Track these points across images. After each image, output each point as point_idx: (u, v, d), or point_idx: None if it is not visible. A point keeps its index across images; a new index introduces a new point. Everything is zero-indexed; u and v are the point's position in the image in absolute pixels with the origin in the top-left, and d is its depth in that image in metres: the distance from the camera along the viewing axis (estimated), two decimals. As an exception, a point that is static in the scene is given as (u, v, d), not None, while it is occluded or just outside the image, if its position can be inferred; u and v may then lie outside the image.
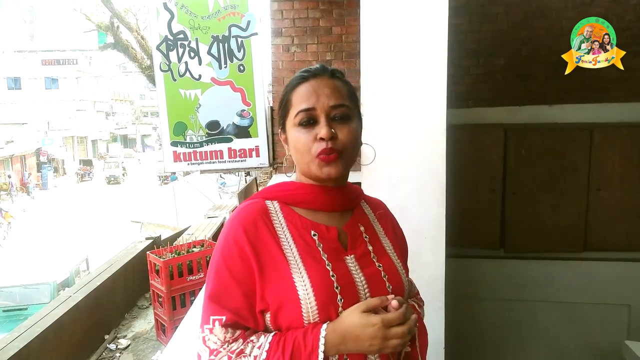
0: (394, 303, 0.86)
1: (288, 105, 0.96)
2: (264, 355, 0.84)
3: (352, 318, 0.84)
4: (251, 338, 0.88)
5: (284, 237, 0.92)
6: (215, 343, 0.87)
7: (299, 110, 0.92)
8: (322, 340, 0.82)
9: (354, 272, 0.93)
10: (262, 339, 0.86)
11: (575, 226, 3.35)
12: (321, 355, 0.82)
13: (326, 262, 0.91)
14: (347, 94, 0.96)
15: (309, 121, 0.92)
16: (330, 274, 0.89)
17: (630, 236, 3.27)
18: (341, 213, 0.99)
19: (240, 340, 0.87)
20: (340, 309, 0.87)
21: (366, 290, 0.92)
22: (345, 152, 0.93)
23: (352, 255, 0.95)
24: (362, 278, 0.93)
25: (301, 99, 0.93)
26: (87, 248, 11.16)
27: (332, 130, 0.91)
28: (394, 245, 1.04)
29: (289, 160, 1.01)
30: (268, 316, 0.89)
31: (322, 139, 0.90)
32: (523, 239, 3.43)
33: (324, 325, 0.84)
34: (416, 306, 1.08)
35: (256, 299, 0.89)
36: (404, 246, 1.10)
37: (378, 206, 1.10)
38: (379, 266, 0.96)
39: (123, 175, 28.43)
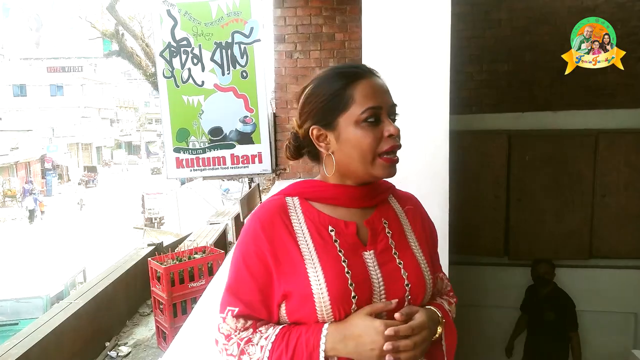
0: (397, 315, 0.86)
1: (348, 101, 0.90)
2: (269, 346, 0.87)
3: (356, 319, 0.86)
4: (260, 328, 0.91)
5: (301, 232, 0.93)
6: (228, 331, 0.92)
7: (368, 107, 0.90)
8: (322, 340, 0.84)
9: (371, 268, 0.92)
10: (270, 330, 0.90)
11: (580, 233, 3.31)
12: (322, 355, 0.84)
13: (342, 257, 0.91)
14: None
15: (375, 119, 0.90)
16: (346, 270, 0.89)
17: (637, 243, 3.23)
18: (363, 208, 0.98)
19: (251, 330, 0.91)
20: (353, 305, 0.87)
21: (381, 288, 0.91)
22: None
23: (372, 251, 0.94)
24: (379, 275, 0.92)
25: (368, 96, 0.90)
26: (88, 256, 11.00)
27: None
28: (420, 241, 1.01)
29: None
30: (284, 309, 0.91)
31: (391, 135, 0.91)
32: (527, 245, 3.40)
33: (326, 325, 0.86)
34: (445, 304, 1.05)
35: (273, 293, 0.91)
36: (434, 242, 1.09)
37: (408, 201, 1.08)
38: (400, 263, 0.94)
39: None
